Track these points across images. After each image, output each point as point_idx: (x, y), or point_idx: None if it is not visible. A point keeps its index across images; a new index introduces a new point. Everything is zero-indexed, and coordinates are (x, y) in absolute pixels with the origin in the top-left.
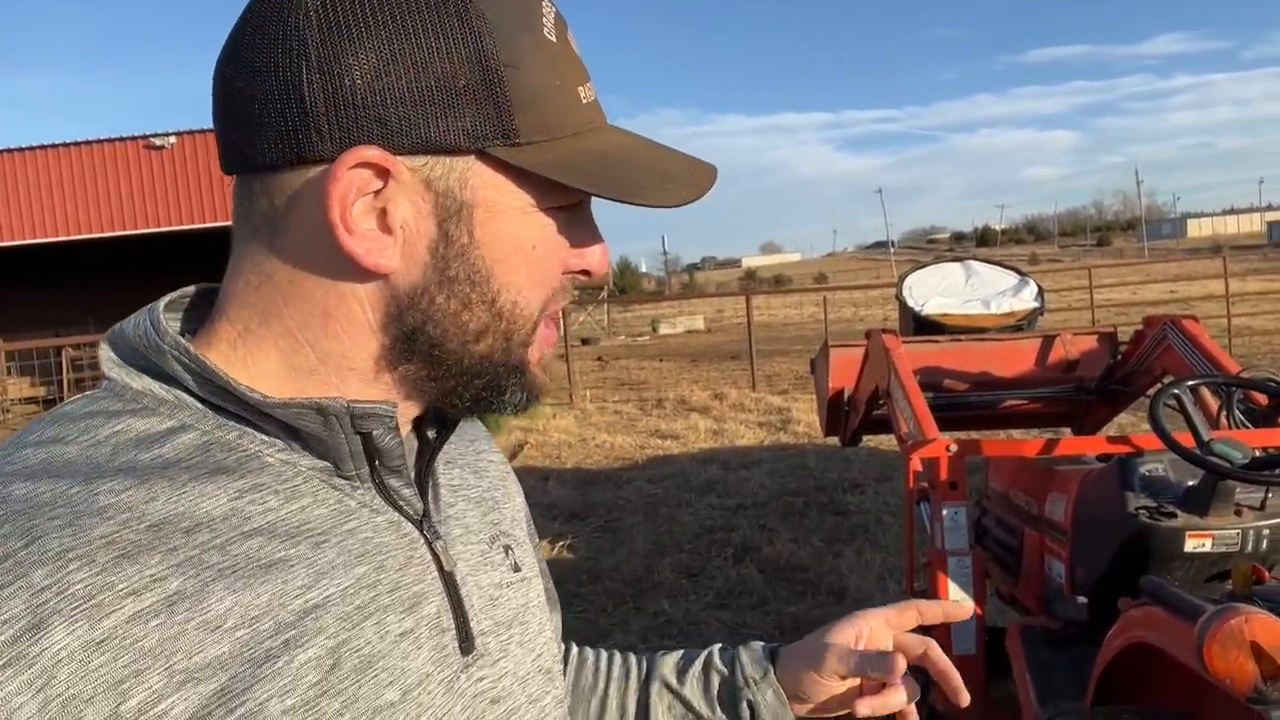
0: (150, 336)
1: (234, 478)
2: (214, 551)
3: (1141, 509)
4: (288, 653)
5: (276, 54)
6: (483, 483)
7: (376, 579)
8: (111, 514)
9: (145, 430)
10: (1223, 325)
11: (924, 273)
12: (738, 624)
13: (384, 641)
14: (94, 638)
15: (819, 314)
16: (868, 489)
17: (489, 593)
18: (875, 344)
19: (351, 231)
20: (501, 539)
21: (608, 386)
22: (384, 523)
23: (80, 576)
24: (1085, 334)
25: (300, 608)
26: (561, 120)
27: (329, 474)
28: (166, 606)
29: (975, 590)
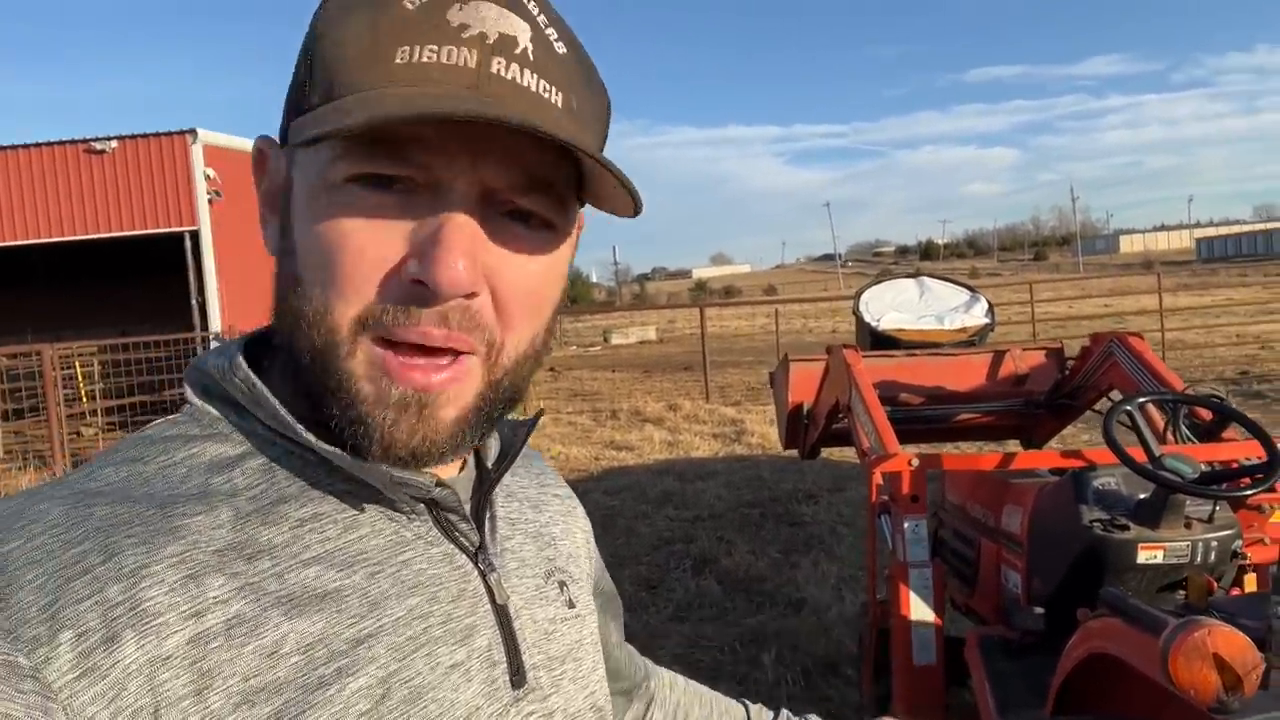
0: (225, 370)
1: (296, 505)
2: (273, 579)
3: (1095, 521)
4: (340, 680)
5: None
6: (541, 517)
7: (429, 610)
8: (183, 535)
9: (217, 455)
10: (1157, 339)
11: (880, 288)
12: (697, 636)
13: (434, 673)
14: (161, 654)
15: (770, 325)
16: (822, 500)
17: (543, 627)
18: (836, 359)
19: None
20: (557, 574)
21: (561, 397)
22: (439, 555)
23: (152, 594)
24: (1034, 349)
25: (353, 636)
26: (354, 82)
27: (388, 504)
28: (226, 629)
29: (935, 601)
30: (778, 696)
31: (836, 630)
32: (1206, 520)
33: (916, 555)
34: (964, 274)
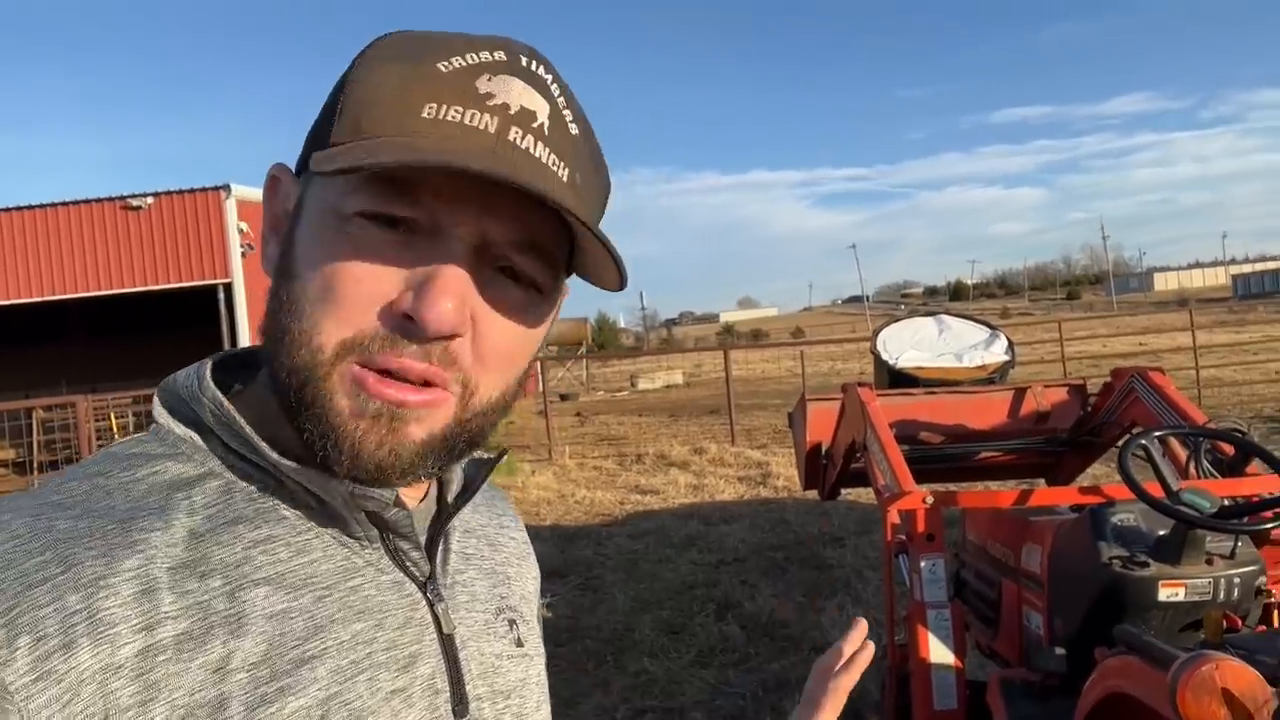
0: (193, 389)
1: (250, 527)
2: (223, 598)
3: (1115, 559)
4: (281, 699)
5: None
6: (497, 556)
7: (374, 636)
8: (140, 549)
9: (178, 474)
10: (1191, 377)
11: (898, 327)
12: (720, 682)
13: (375, 697)
14: (113, 662)
15: (796, 368)
16: (848, 542)
17: (490, 661)
18: (851, 397)
19: None
20: (508, 612)
21: (587, 442)
22: (388, 582)
23: (109, 604)
24: (1055, 386)
25: (296, 658)
26: (379, 125)
27: (340, 531)
28: (175, 644)
29: (955, 643)
30: None
31: (862, 676)
32: (1228, 556)
33: (934, 596)
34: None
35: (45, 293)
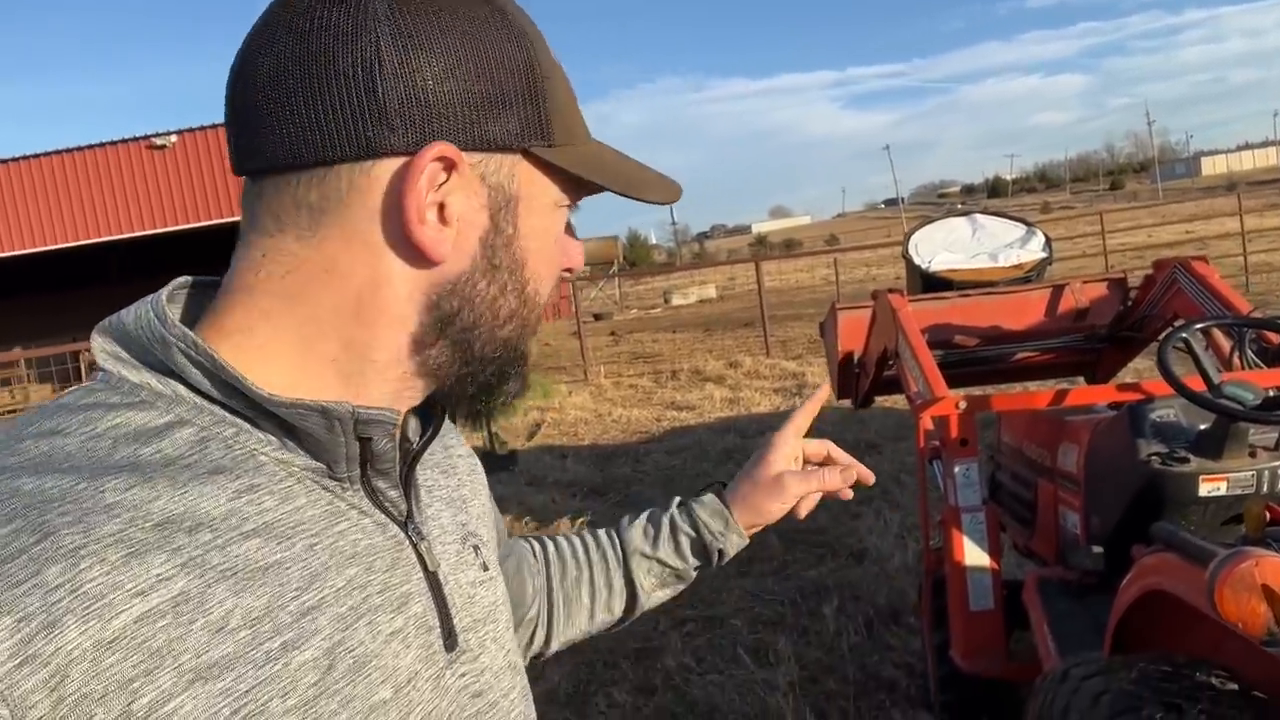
0: (154, 328)
1: (231, 477)
2: (215, 552)
3: (1153, 455)
4: (286, 655)
5: (350, 55)
6: (452, 481)
7: (367, 580)
8: (118, 511)
9: (144, 424)
10: (1240, 264)
11: (930, 229)
12: (759, 590)
13: (376, 641)
14: (105, 637)
15: (831, 276)
16: (884, 449)
17: (466, 591)
18: (882, 304)
19: (423, 223)
20: (471, 539)
21: (622, 361)
22: (371, 524)
23: (92, 575)
24: (1094, 281)
25: (297, 609)
26: (578, 128)
27: (320, 475)
28: (173, 607)
29: (990, 545)
30: (839, 647)
31: (899, 579)
32: (1273, 448)
33: (968, 499)
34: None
35: (78, 237)
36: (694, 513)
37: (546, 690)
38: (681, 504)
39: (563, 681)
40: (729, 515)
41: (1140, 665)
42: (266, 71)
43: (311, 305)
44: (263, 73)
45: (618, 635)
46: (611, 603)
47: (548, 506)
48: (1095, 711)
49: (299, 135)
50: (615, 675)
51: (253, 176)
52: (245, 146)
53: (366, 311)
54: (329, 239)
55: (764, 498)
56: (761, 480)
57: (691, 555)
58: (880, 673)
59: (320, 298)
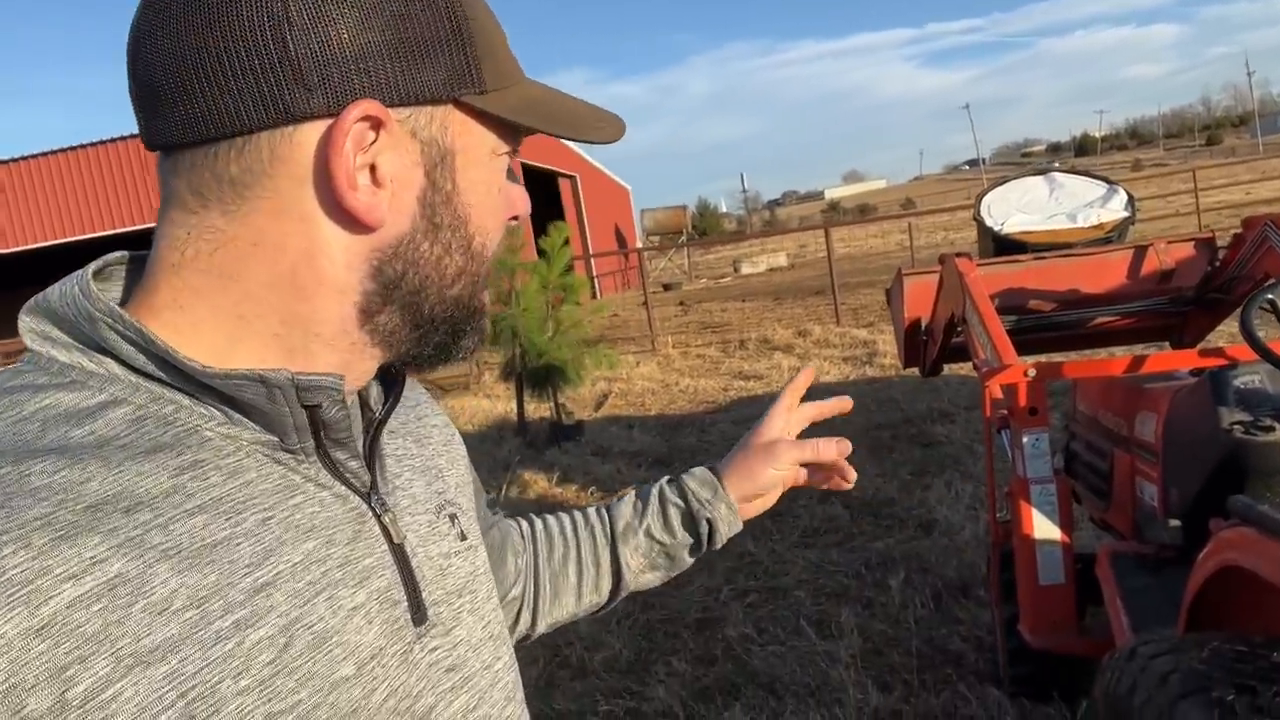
0: (80, 304)
1: (172, 454)
2: (156, 531)
3: (1236, 424)
4: (239, 633)
5: (255, 16)
6: (426, 451)
7: (326, 554)
8: (45, 495)
9: (75, 405)
10: None
11: (1003, 189)
12: (823, 561)
13: (336, 617)
14: (33, 625)
15: (906, 241)
16: (958, 418)
17: (439, 563)
18: (949, 269)
19: (354, 187)
20: (447, 508)
21: (690, 331)
22: (330, 497)
23: (16, 561)
24: (1180, 241)
25: (249, 586)
26: (510, 70)
27: (272, 448)
28: (109, 590)
29: (1061, 517)
30: (904, 620)
31: (969, 551)
32: None
33: (1038, 470)
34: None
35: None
36: (683, 483)
37: (607, 657)
38: (672, 479)
39: (624, 649)
40: (718, 484)
41: (1212, 644)
42: (169, 39)
43: (245, 281)
44: (166, 41)
45: (679, 605)
46: (600, 583)
47: (613, 476)
48: (1163, 691)
49: (212, 105)
50: (676, 644)
51: (166, 151)
52: (155, 121)
53: (304, 284)
54: (256, 212)
55: (757, 463)
56: (754, 447)
57: (681, 529)
58: (947, 646)
59: (253, 273)
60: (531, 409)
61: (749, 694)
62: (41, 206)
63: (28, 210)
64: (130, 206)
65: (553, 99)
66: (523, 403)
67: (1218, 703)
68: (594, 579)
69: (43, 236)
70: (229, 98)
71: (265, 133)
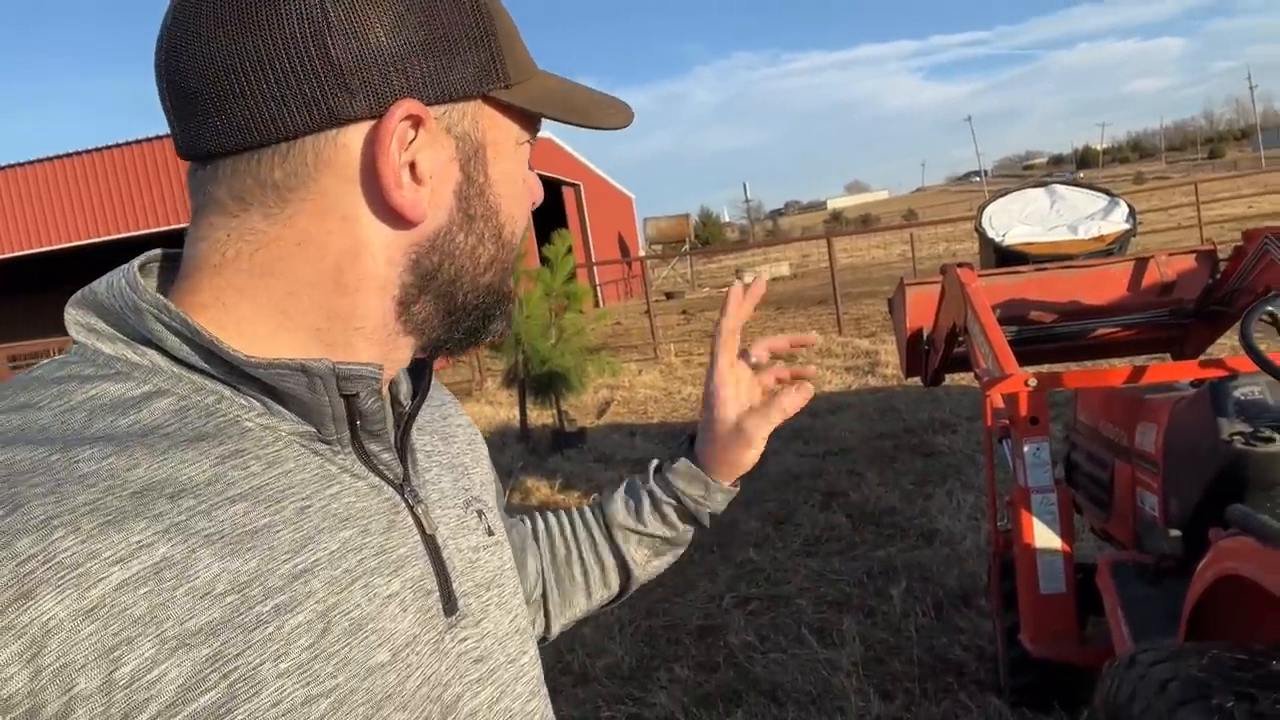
0: (127, 296)
1: (214, 444)
2: (200, 517)
3: (1236, 435)
4: (278, 618)
5: (296, 21)
6: (451, 448)
7: (362, 543)
8: (93, 481)
9: (120, 395)
10: None
11: (1005, 201)
12: (825, 570)
13: (372, 604)
14: (83, 606)
15: (908, 252)
16: (959, 428)
17: (468, 556)
18: (951, 279)
19: (400, 186)
20: (474, 504)
21: (693, 339)
22: (365, 487)
23: (67, 545)
24: (1182, 254)
25: (289, 573)
26: (527, 62)
27: (310, 439)
28: (154, 574)
29: (1062, 527)
30: (905, 629)
31: (970, 561)
32: None
33: (1039, 480)
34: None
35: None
36: (671, 484)
37: (610, 664)
38: (658, 471)
39: (626, 656)
40: (707, 479)
41: (1212, 653)
42: (206, 46)
43: (288, 280)
44: (202, 48)
45: (682, 612)
46: (607, 579)
47: (616, 484)
48: (1162, 699)
49: (255, 112)
50: (678, 651)
51: (204, 160)
52: (194, 130)
53: (347, 280)
54: (300, 214)
55: (733, 452)
56: (722, 437)
57: (680, 523)
58: (948, 655)
59: (296, 272)
60: (534, 416)
61: (751, 701)
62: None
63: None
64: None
65: (567, 89)
66: (525, 409)
67: (1217, 710)
68: (600, 576)
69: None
70: (272, 104)
71: (310, 137)
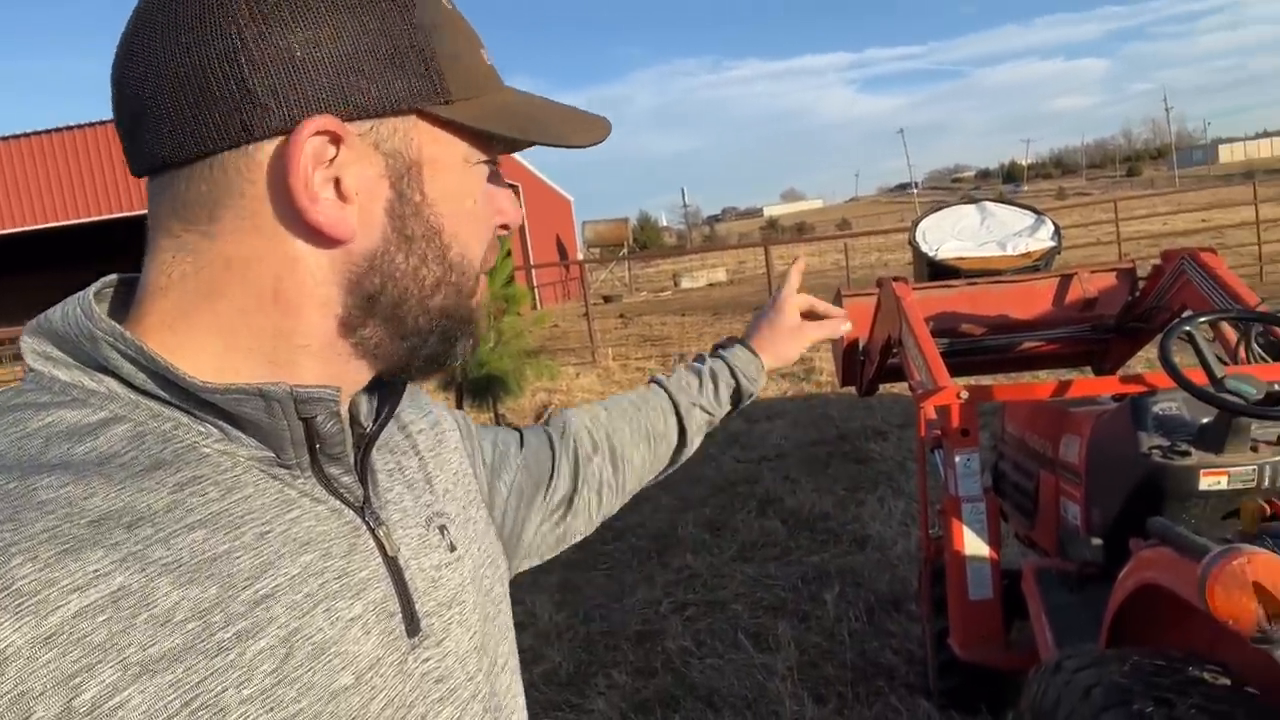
0: (82, 324)
1: (171, 471)
2: (157, 545)
3: (1155, 448)
4: (240, 644)
5: (208, 38)
6: (413, 462)
7: (323, 566)
8: (51, 508)
9: (76, 422)
10: (1255, 253)
11: (938, 216)
12: (761, 575)
13: (334, 628)
14: (41, 634)
15: (842, 261)
16: (891, 436)
17: (430, 575)
18: (886, 292)
19: (315, 201)
20: (437, 520)
21: (630, 344)
22: (326, 511)
23: (24, 572)
24: (1103, 271)
25: (250, 599)
26: (478, 79)
27: (269, 464)
28: (112, 602)
29: (990, 534)
30: (839, 633)
31: (901, 566)
32: (1275, 442)
33: (969, 489)
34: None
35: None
36: (731, 363)
37: (547, 670)
38: (716, 354)
39: (564, 662)
40: (760, 363)
41: (1133, 659)
42: (139, 68)
43: (229, 299)
44: (136, 70)
45: (619, 617)
46: (668, 450)
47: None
48: (1086, 704)
49: (179, 129)
50: (616, 656)
51: (149, 176)
52: (135, 147)
53: (286, 298)
54: (229, 231)
55: (787, 344)
56: (782, 328)
57: (728, 400)
58: (879, 659)
59: (235, 291)
60: (472, 419)
61: (688, 706)
62: None
63: None
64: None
65: (530, 105)
66: None
67: (1138, 715)
68: (666, 449)
69: None
70: (195, 122)
71: (229, 153)
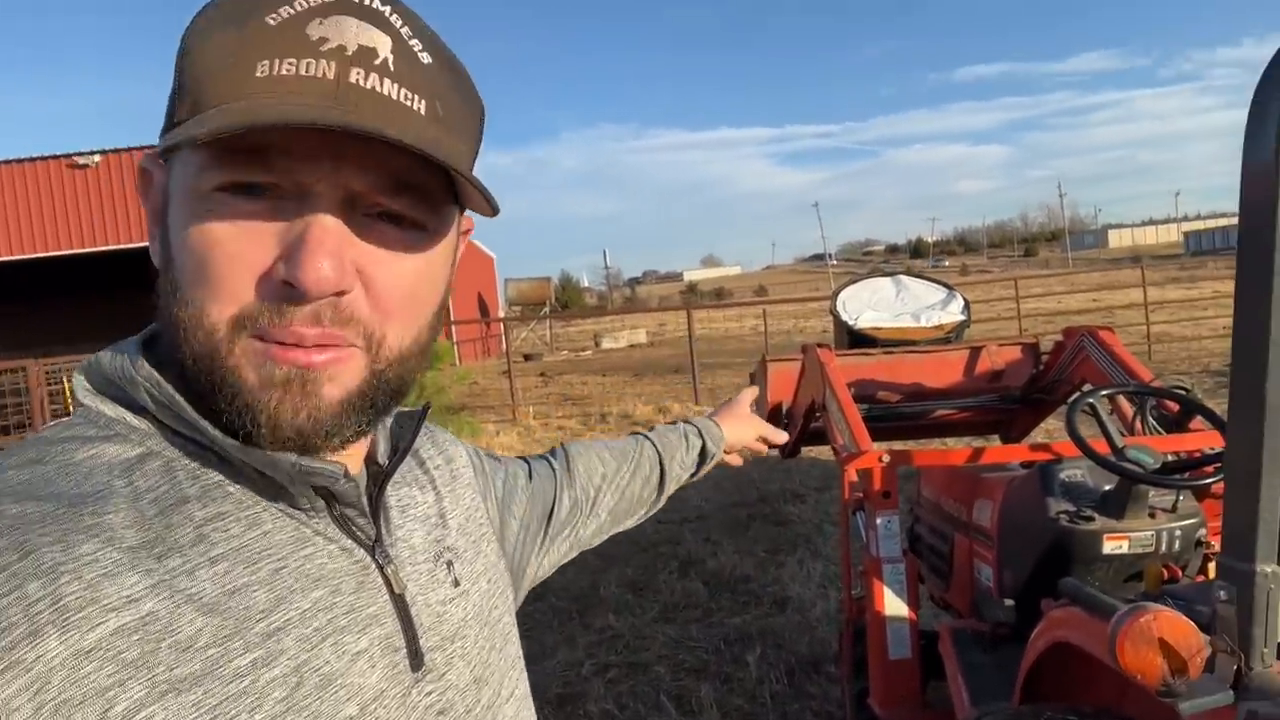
0: (125, 370)
1: (199, 506)
2: (184, 577)
3: (1062, 513)
4: (254, 672)
5: None
6: (428, 498)
7: (332, 602)
8: (95, 533)
9: (118, 456)
10: (1143, 332)
11: (857, 287)
12: (683, 637)
13: (341, 660)
14: (83, 647)
15: (760, 326)
16: (808, 498)
17: (435, 610)
18: (811, 358)
19: (148, 234)
20: (445, 555)
21: (551, 402)
22: (337, 549)
23: (71, 590)
24: (1009, 345)
25: (264, 630)
26: (216, 94)
27: (288, 503)
28: (143, 625)
29: (909, 595)
30: (761, 695)
31: (820, 628)
32: (1170, 510)
33: (890, 551)
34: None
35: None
36: (699, 426)
37: None
38: (702, 423)
39: None
40: (721, 433)
41: (1046, 714)
42: None
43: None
44: None
45: (540, 679)
46: (646, 494)
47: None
48: None
49: None
50: None
51: None
52: None
53: None
54: None
55: (743, 425)
56: (740, 414)
57: (693, 465)
58: None
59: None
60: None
61: None
62: None
63: None
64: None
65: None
66: None
67: None
68: (652, 503)
69: None
70: None
71: None
